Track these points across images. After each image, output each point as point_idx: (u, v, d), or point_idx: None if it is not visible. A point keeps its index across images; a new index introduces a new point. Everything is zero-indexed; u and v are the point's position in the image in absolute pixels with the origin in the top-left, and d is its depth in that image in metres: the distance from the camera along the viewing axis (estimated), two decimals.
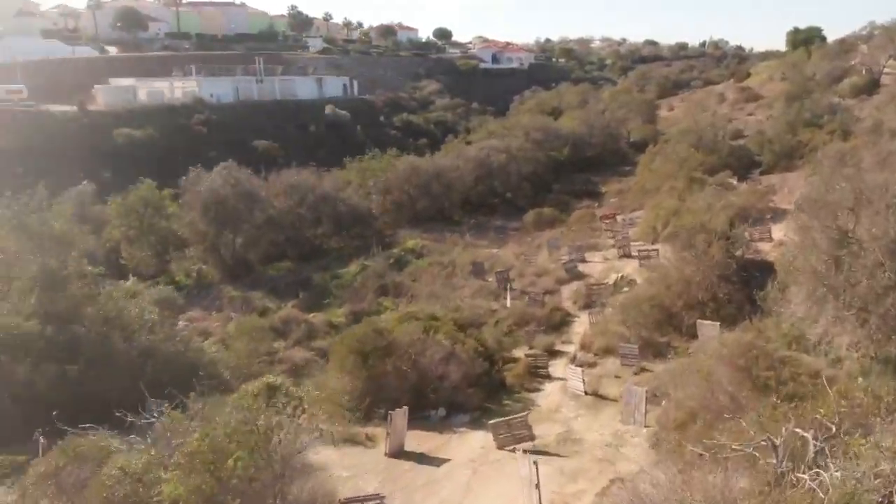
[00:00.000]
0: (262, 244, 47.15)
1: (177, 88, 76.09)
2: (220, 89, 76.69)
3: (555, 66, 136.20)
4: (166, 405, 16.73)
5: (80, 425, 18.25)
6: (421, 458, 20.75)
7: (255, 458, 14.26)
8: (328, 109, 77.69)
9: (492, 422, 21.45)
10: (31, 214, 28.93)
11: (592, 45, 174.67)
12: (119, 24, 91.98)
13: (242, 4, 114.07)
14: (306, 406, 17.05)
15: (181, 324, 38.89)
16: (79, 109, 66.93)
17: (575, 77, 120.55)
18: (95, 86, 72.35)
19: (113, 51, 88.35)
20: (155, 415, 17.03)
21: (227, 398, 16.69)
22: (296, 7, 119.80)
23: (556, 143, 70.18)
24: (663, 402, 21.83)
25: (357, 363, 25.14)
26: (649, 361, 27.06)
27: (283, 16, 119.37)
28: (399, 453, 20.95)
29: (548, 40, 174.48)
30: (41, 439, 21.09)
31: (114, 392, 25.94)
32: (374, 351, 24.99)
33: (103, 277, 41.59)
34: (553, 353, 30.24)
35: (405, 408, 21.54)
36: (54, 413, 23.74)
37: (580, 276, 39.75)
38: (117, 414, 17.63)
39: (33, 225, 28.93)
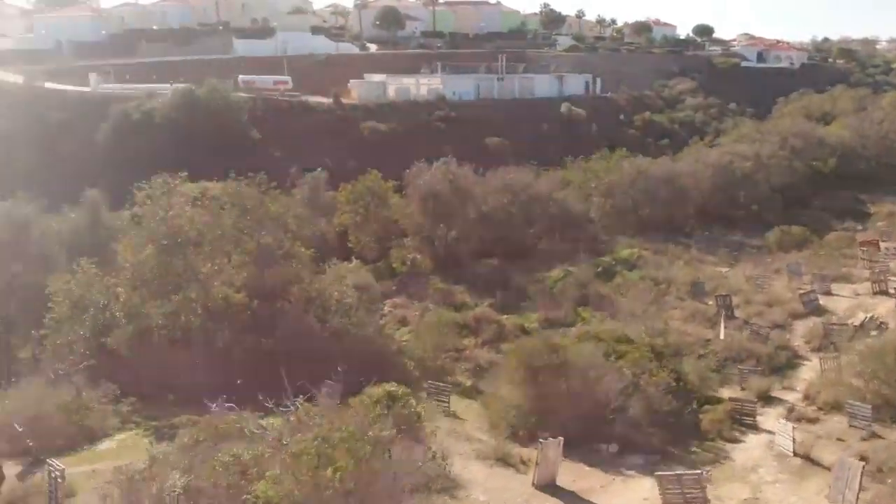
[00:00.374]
0: (472, 239, 46.99)
1: (422, 85, 79.15)
2: (462, 87, 78.38)
3: (831, 68, 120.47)
4: (301, 397, 16.51)
5: (226, 401, 18.90)
6: (570, 499, 18.53)
7: (359, 470, 13.31)
8: (563, 108, 75.93)
9: (659, 473, 18.49)
10: (249, 196, 31.00)
11: (878, 46, 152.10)
12: (378, 23, 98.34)
13: (497, 3, 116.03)
14: (426, 422, 15.69)
15: (386, 309, 40.04)
16: (333, 102, 72.33)
17: (854, 80, 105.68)
18: (351, 80, 77.80)
19: (373, 48, 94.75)
20: (296, 403, 16.84)
21: (351, 400, 15.90)
22: (548, 5, 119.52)
23: (819, 153, 61.89)
24: (888, 481, 17.32)
25: (526, 377, 23.45)
26: (885, 426, 21.94)
27: (536, 14, 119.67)
28: (548, 486, 18.90)
29: (825, 39, 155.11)
30: (213, 406, 22.24)
31: (300, 369, 27.08)
32: (546, 367, 23.09)
33: (329, 259, 44.43)
34: (767, 400, 25.96)
35: (560, 438, 19.39)
36: (238, 381, 25.17)
37: (820, 312, 34.20)
38: (260, 398, 17.92)
39: (253, 204, 30.98)
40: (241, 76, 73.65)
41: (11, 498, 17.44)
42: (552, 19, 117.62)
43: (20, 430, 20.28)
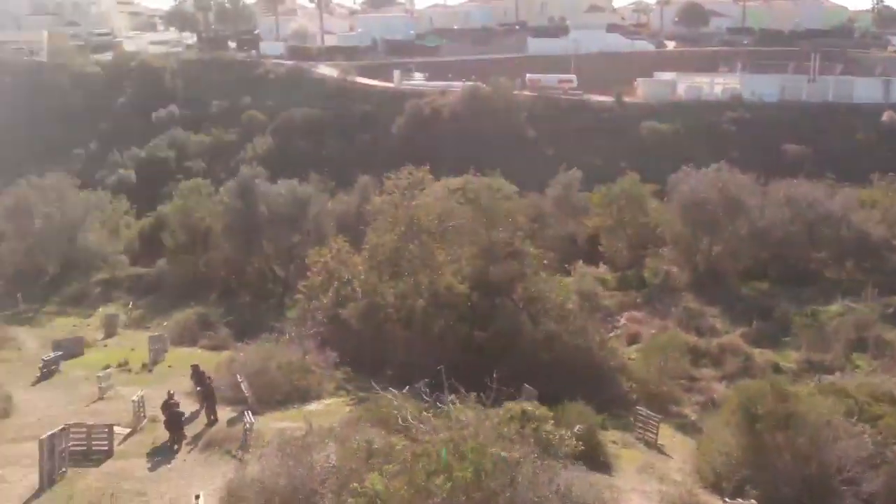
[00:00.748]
0: (740, 257, 42.38)
1: (717, 85, 73.14)
2: (764, 87, 70.73)
3: None
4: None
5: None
6: None
7: (477, 485, 12.44)
8: (885, 116, 64.48)
9: None
10: (481, 191, 31.32)
11: None
12: (677, 19, 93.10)
13: None
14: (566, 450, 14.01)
15: (622, 321, 37.87)
16: (615, 101, 70.21)
17: None
18: (638, 79, 74.80)
19: (671, 45, 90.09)
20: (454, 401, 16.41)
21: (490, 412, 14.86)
22: (882, 0, 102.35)
23: None
24: None
25: (743, 423, 20.28)
26: None
27: (868, 10, 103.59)
28: None
29: None
30: (406, 388, 22.75)
31: (505, 368, 26.73)
32: (767, 416, 19.71)
33: (574, 261, 43.49)
34: None
35: (752, 502, 16.30)
36: (440, 367, 25.50)
37: None
38: (413, 389, 17.78)
39: (485, 200, 31.23)
40: (528, 74, 74.95)
41: (212, 439, 19.60)
42: (886, 17, 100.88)
43: (240, 381, 22.72)
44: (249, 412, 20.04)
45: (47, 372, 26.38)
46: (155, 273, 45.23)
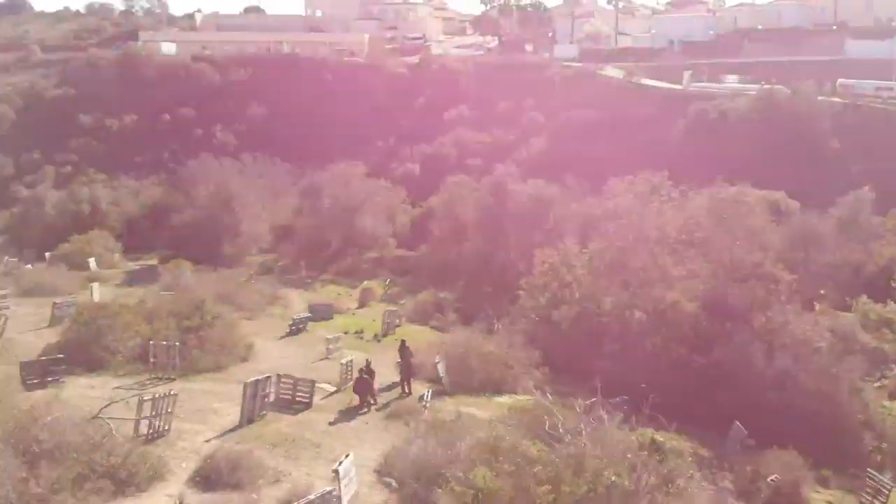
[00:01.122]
0: None
1: None
2: None
3: None
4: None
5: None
6: None
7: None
8: None
9: None
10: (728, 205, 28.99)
11: None
12: None
13: None
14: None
15: None
16: None
17: None
18: None
19: None
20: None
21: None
22: None
23: None
24: None
25: None
26: None
27: None
28: None
29: None
30: (598, 401, 22.12)
31: (723, 399, 24.79)
32: None
33: (856, 294, 38.37)
34: None
35: None
36: (642, 385, 24.40)
37: None
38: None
39: (731, 215, 28.91)
40: (839, 80, 66.63)
41: (397, 410, 21.12)
42: None
43: (437, 362, 24.08)
44: (429, 392, 21.25)
45: (295, 330, 30.60)
46: (417, 257, 49.54)
